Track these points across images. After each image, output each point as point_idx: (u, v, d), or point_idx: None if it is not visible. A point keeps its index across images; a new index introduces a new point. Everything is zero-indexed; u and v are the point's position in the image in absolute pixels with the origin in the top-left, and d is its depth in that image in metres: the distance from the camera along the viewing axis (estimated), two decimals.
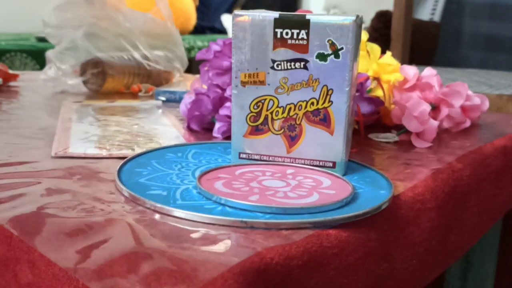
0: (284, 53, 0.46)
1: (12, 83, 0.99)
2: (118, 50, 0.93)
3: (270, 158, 0.49)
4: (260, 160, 0.49)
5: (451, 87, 0.67)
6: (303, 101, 0.47)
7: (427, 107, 0.61)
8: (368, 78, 0.64)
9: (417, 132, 0.61)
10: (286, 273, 0.33)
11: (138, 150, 0.55)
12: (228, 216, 0.38)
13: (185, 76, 1.15)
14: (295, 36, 0.46)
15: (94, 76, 0.91)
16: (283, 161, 0.49)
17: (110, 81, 0.91)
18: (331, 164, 0.48)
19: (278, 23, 0.46)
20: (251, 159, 0.49)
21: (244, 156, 0.50)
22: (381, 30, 2.01)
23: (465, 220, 0.55)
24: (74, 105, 0.80)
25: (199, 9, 2.73)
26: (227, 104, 0.61)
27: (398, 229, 0.44)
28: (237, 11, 0.47)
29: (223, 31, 2.76)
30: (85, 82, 0.92)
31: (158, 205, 0.39)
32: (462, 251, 0.57)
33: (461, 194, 0.53)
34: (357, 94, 0.63)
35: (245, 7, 2.87)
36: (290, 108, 0.48)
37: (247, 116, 0.49)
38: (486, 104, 0.72)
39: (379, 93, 0.69)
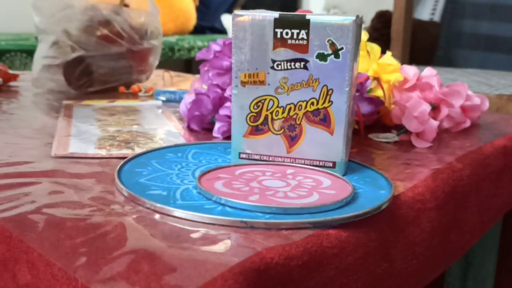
0: (284, 53, 0.46)
1: (12, 83, 0.99)
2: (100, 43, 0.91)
3: (270, 158, 0.49)
4: (260, 160, 0.49)
5: (451, 87, 0.67)
6: (303, 101, 0.47)
7: (427, 107, 0.61)
8: (368, 78, 0.64)
9: (417, 132, 0.61)
10: (286, 273, 0.33)
11: (138, 150, 0.55)
12: (228, 216, 0.38)
13: (185, 76, 1.15)
14: (295, 36, 0.46)
15: (79, 78, 0.90)
16: (283, 161, 0.49)
17: (97, 79, 0.90)
18: (331, 164, 0.48)
19: (278, 23, 0.46)
20: (251, 159, 0.49)
21: (244, 156, 0.50)
22: (381, 30, 2.01)
23: (465, 220, 0.55)
24: (74, 105, 0.80)
25: (199, 9, 2.73)
26: (227, 104, 0.61)
27: (398, 229, 0.44)
28: (237, 11, 0.47)
29: (223, 31, 2.76)
30: (73, 88, 0.90)
31: (158, 205, 0.39)
32: (462, 251, 0.57)
33: (461, 194, 0.53)
34: (357, 94, 0.63)
35: (245, 7, 2.87)
36: (290, 108, 0.48)
37: (247, 116, 0.49)
38: (486, 104, 0.72)
39: (379, 93, 0.69)
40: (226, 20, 2.72)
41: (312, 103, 0.47)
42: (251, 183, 0.44)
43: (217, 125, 0.61)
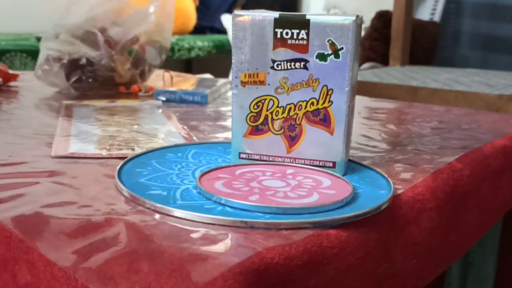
0: (284, 53, 0.46)
1: (12, 83, 0.99)
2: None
3: (270, 158, 0.49)
4: (260, 160, 0.49)
5: None
6: (303, 101, 0.47)
7: None
8: None
9: None
10: (286, 273, 0.33)
11: (138, 150, 0.55)
12: (228, 216, 0.38)
13: (185, 76, 1.15)
14: (295, 36, 0.46)
15: (81, 79, 0.90)
16: (283, 161, 0.49)
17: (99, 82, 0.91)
18: (331, 164, 0.48)
19: (278, 23, 0.46)
20: (251, 159, 0.49)
21: (244, 156, 0.50)
22: (381, 30, 2.01)
23: (465, 220, 0.55)
24: (74, 105, 0.80)
25: (199, 9, 2.73)
26: None
27: (398, 229, 0.44)
28: (237, 11, 0.47)
29: (223, 31, 2.76)
30: (75, 88, 0.91)
31: (158, 205, 0.39)
32: (462, 251, 0.57)
33: (461, 194, 0.53)
34: None
35: (245, 7, 2.87)
36: (290, 108, 0.48)
37: (247, 116, 0.49)
38: None
39: None
40: (226, 20, 2.72)
41: (312, 103, 0.47)
42: (251, 183, 0.44)
43: None
